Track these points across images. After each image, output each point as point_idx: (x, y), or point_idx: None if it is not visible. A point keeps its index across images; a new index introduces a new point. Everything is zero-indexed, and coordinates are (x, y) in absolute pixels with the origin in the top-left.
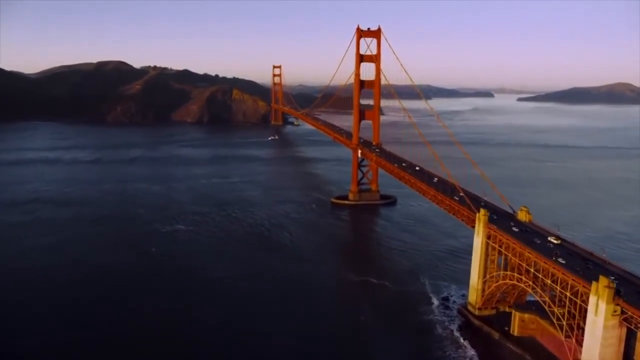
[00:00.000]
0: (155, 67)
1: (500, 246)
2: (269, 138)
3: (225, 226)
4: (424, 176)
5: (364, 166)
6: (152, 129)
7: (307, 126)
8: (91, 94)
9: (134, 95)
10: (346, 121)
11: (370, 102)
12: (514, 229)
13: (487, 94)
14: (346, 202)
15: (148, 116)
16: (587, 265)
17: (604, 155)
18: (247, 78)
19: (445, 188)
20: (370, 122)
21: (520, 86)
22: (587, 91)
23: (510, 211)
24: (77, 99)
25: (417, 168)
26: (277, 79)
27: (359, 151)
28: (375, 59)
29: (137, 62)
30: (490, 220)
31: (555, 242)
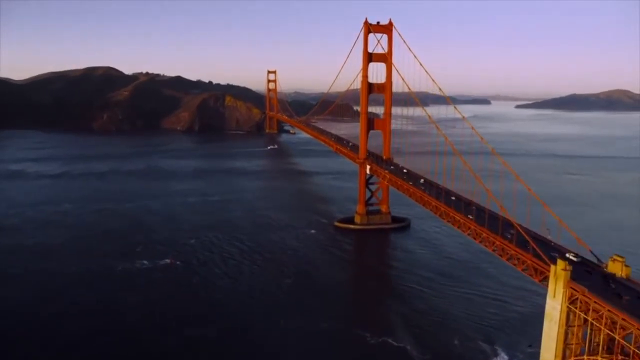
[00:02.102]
0: (147, 73)
1: (597, 318)
2: (268, 147)
3: (201, 260)
4: (457, 202)
5: (372, 184)
6: (139, 138)
7: (304, 135)
8: (78, 101)
9: (121, 101)
10: (343, 129)
11: (368, 109)
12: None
13: (484, 101)
14: (352, 226)
15: (136, 124)
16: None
17: (625, 166)
18: (241, 85)
19: (492, 220)
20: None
21: (516, 93)
22: (586, 98)
23: (587, 256)
24: (63, 106)
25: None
26: (271, 85)
27: (368, 167)
28: (385, 57)
29: (129, 69)
30: (574, 276)
31: (574, 259)
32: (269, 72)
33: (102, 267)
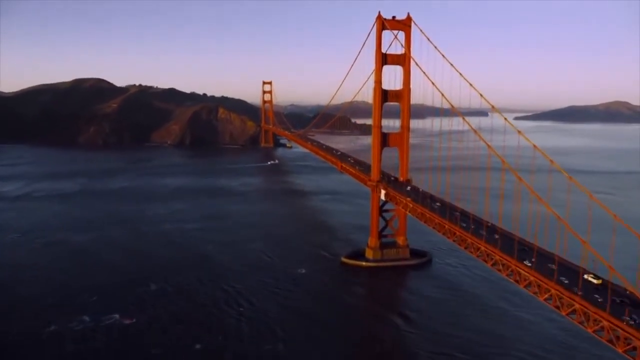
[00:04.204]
0: (139, 85)
1: None
2: (269, 162)
3: (164, 315)
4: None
5: (386, 211)
6: (125, 152)
7: (301, 149)
8: (64, 114)
9: (109, 114)
10: (341, 143)
11: (367, 121)
12: None
13: (481, 112)
14: (363, 263)
15: (124, 137)
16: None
17: None
18: (236, 97)
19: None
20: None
21: (513, 105)
22: (585, 109)
23: None
24: (50, 119)
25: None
26: (267, 97)
27: (383, 192)
28: (403, 59)
29: (121, 81)
30: None
31: (595, 281)
32: (264, 82)
33: (23, 328)
